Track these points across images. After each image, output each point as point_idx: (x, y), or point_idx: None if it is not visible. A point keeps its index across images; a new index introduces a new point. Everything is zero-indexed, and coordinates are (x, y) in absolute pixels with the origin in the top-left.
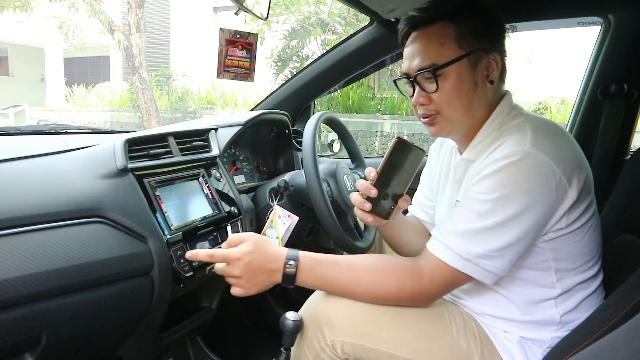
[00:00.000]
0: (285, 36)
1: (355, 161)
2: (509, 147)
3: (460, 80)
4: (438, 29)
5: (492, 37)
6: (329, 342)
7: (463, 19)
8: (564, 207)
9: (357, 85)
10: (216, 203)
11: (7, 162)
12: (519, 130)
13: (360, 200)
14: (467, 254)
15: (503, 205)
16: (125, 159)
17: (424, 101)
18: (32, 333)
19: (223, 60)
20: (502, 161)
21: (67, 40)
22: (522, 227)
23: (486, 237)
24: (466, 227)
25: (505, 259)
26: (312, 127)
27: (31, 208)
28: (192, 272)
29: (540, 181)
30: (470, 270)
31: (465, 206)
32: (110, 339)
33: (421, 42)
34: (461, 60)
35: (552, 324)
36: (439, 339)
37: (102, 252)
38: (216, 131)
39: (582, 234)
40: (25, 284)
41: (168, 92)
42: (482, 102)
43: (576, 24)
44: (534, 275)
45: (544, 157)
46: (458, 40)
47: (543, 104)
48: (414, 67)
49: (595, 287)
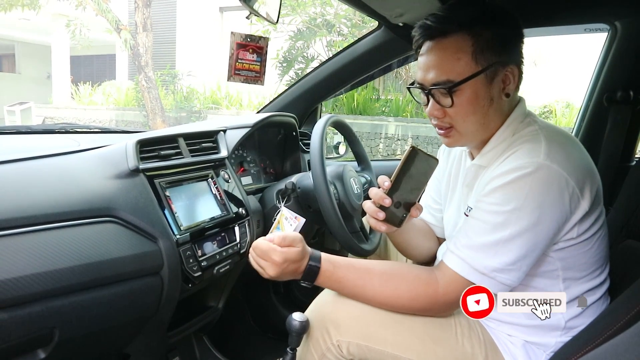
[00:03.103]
0: (291, 37)
1: (361, 164)
2: (523, 157)
3: (476, 96)
4: (454, 41)
5: (511, 48)
6: (335, 342)
7: (481, 30)
8: (576, 218)
9: (362, 87)
10: (224, 204)
11: (22, 162)
12: (533, 139)
13: (373, 209)
14: (484, 268)
15: (518, 217)
16: (137, 160)
17: (438, 114)
18: (46, 329)
19: (234, 64)
20: (515, 172)
21: (74, 39)
22: (536, 238)
23: (502, 249)
24: (482, 240)
25: (521, 271)
26: (320, 130)
27: (45, 207)
28: (200, 272)
29: (554, 193)
30: (487, 284)
31: (479, 218)
32: (120, 336)
33: (436, 54)
34: (478, 76)
35: (557, 329)
36: (443, 342)
37: (113, 251)
38: (225, 133)
39: (591, 243)
40: (40, 282)
41: (173, 92)
42: (497, 115)
43: (583, 30)
44: (543, 282)
45: (557, 168)
46: (475, 55)
47: (548, 108)
48: (428, 80)
49: (601, 293)
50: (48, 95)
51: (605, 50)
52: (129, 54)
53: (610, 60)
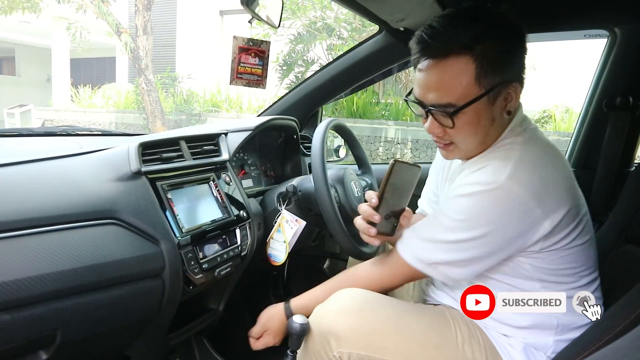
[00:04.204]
0: (291, 40)
1: (362, 167)
2: (488, 173)
3: (478, 118)
4: (457, 64)
5: (515, 63)
6: (336, 354)
7: (485, 49)
8: (537, 236)
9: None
10: (225, 207)
11: (24, 164)
12: (505, 156)
13: (365, 226)
14: (427, 259)
15: (465, 228)
16: (139, 163)
17: (438, 133)
18: (48, 331)
19: (236, 67)
20: (476, 186)
21: (74, 42)
22: (482, 249)
23: (445, 249)
24: (430, 236)
25: (469, 269)
26: (321, 134)
27: (48, 209)
28: (202, 274)
29: (508, 214)
30: (430, 273)
31: (437, 215)
32: (121, 338)
33: (437, 75)
34: (480, 99)
35: (550, 327)
36: (444, 349)
37: (115, 253)
38: (226, 136)
39: (561, 253)
40: (43, 283)
41: (173, 95)
42: (497, 131)
43: (582, 36)
44: (518, 282)
45: (518, 189)
46: (478, 78)
47: (547, 112)
48: (428, 100)
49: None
50: (48, 97)
51: (604, 56)
52: (129, 57)
53: (609, 66)
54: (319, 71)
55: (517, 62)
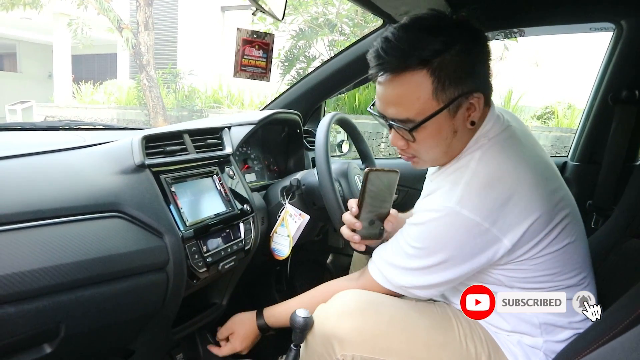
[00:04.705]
0: (293, 37)
1: (365, 162)
2: (437, 200)
3: (439, 131)
4: (412, 79)
5: (476, 73)
6: (340, 357)
7: (443, 63)
8: (499, 253)
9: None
10: (229, 200)
11: (27, 157)
12: (457, 179)
13: (349, 234)
14: (396, 283)
15: (425, 255)
16: (143, 156)
17: (401, 146)
18: (52, 324)
19: (240, 60)
20: (428, 214)
21: (75, 38)
22: (445, 273)
23: (410, 274)
24: (397, 262)
25: (434, 290)
26: (325, 127)
27: (51, 202)
28: (206, 268)
29: (462, 238)
30: (401, 292)
31: (399, 240)
32: (125, 332)
33: (394, 90)
34: (439, 113)
35: (533, 328)
36: (448, 346)
37: (119, 246)
38: (229, 129)
39: (533, 262)
40: (47, 276)
41: (175, 91)
42: (461, 141)
43: (588, 29)
44: (498, 288)
45: (467, 214)
46: (436, 92)
47: (550, 109)
48: (388, 114)
49: (571, 295)
50: (49, 94)
51: (610, 50)
52: (131, 53)
53: (615, 59)
54: (322, 65)
55: (479, 71)
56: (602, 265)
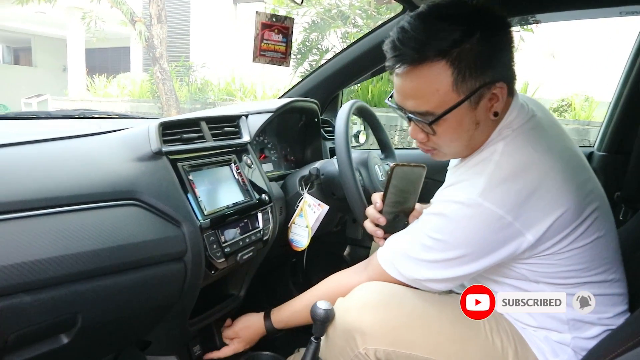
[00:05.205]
0: (305, 29)
1: (385, 151)
2: (461, 191)
3: (460, 124)
4: (431, 71)
5: (498, 61)
6: (362, 351)
7: (463, 53)
8: (522, 247)
9: (377, 79)
10: (247, 190)
11: (43, 143)
12: (480, 170)
13: (372, 229)
14: (409, 276)
15: (443, 248)
16: (160, 142)
17: (421, 139)
18: (69, 314)
19: (259, 44)
20: (448, 205)
21: (89, 31)
22: (463, 268)
23: (426, 267)
24: (412, 254)
25: (450, 283)
26: (345, 114)
27: (68, 189)
28: (224, 259)
29: (484, 232)
30: (414, 285)
31: (416, 230)
32: (142, 323)
33: (413, 83)
34: (460, 105)
35: (562, 322)
36: (473, 340)
37: (137, 235)
38: (247, 118)
39: (559, 257)
40: (63, 265)
41: (188, 83)
42: (484, 133)
43: (618, 13)
44: (519, 283)
45: (489, 206)
46: (456, 84)
47: (566, 101)
48: (407, 107)
49: (605, 291)
50: (64, 87)
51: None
52: (144, 46)
53: None
54: (339, 54)
55: (501, 60)
56: (632, 259)
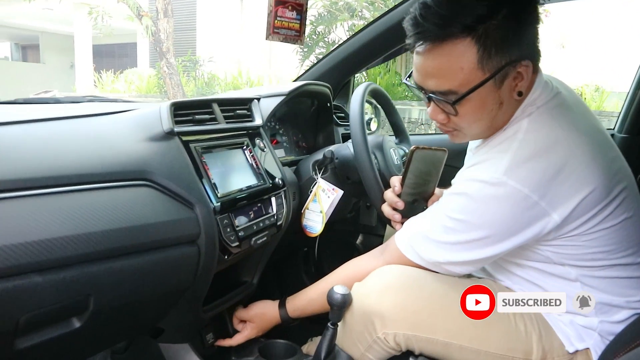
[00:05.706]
0: (312, 22)
1: (399, 136)
2: (485, 170)
3: (483, 104)
4: (456, 48)
5: (525, 39)
6: (381, 335)
7: (489, 29)
8: (545, 230)
9: (385, 71)
10: (261, 173)
11: (53, 121)
12: (505, 149)
13: (390, 212)
14: (429, 259)
15: (465, 229)
16: (172, 122)
17: (442, 120)
18: (81, 296)
19: (273, 22)
20: (473, 184)
21: (96, 27)
22: (485, 249)
23: (447, 249)
24: (432, 236)
25: (472, 266)
26: (360, 96)
27: (78, 167)
28: (238, 242)
29: (508, 212)
30: (434, 269)
31: (438, 213)
32: (155, 309)
33: (435, 61)
34: (485, 84)
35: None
36: (497, 324)
37: (149, 216)
38: (259, 101)
39: (585, 237)
40: (75, 245)
41: (195, 78)
42: (507, 113)
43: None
44: (545, 266)
45: (515, 185)
46: (481, 62)
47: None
48: (428, 87)
49: (633, 274)
50: (71, 84)
51: None
52: (150, 41)
53: None
54: (352, 37)
55: (527, 37)
56: None
